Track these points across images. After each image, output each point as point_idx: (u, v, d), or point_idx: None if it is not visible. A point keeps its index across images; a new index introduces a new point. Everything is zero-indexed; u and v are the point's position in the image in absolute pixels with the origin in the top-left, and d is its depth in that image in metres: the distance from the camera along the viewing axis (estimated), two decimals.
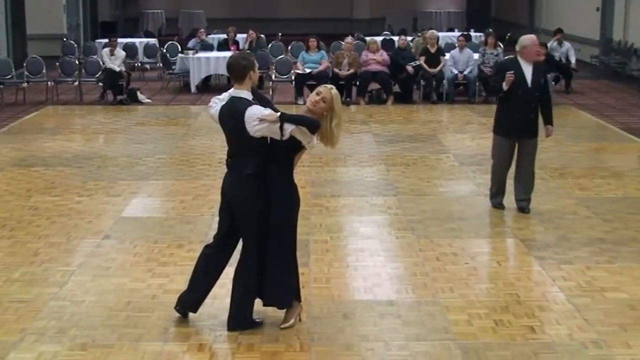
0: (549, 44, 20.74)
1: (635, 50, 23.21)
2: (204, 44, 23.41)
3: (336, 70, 19.44)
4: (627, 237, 9.35)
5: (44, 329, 6.88)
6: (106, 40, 22.02)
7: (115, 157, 13.67)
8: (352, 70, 19.37)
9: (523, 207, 10.30)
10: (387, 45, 23.81)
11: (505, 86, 9.98)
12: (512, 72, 9.92)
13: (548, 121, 10.36)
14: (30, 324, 6.97)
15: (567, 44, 21.32)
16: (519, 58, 10.18)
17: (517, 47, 10.30)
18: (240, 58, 6.74)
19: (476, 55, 20.00)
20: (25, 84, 19.76)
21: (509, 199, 10.46)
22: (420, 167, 12.87)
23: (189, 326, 6.95)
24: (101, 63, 20.25)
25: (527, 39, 10.34)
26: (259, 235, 6.69)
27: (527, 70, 10.06)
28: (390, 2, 38.62)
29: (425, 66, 19.48)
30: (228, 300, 6.90)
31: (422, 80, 19.69)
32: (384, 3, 38.70)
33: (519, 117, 10.06)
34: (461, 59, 19.69)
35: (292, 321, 6.88)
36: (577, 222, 9.96)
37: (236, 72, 6.67)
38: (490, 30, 25.42)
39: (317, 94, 6.70)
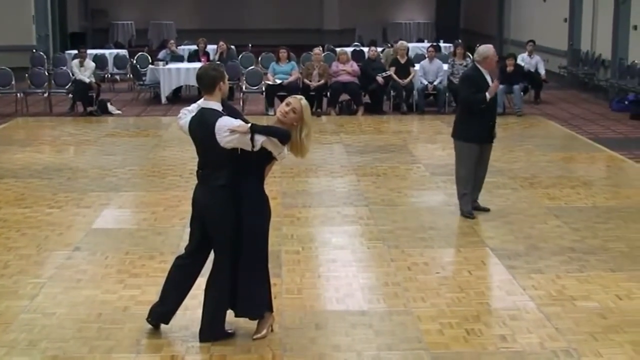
0: (520, 56, 20.94)
1: (603, 61, 23.38)
2: (174, 55, 23.36)
3: (306, 81, 19.45)
4: (596, 246, 9.41)
5: (14, 342, 6.83)
6: (76, 52, 21.90)
7: (86, 168, 13.60)
8: (322, 81, 19.40)
9: (483, 208, 10.81)
10: (357, 56, 23.90)
11: (489, 96, 10.29)
12: (499, 81, 10.60)
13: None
14: (1, 337, 6.92)
15: (536, 57, 21.49)
16: (480, 68, 10.49)
17: (478, 57, 10.58)
18: (210, 69, 6.74)
19: (445, 66, 20.11)
20: None
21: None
22: (391, 178, 12.90)
23: (161, 338, 6.93)
24: (71, 74, 20.17)
25: (489, 49, 10.58)
26: (230, 246, 6.69)
27: (489, 79, 10.51)
28: (360, 13, 38.72)
29: (395, 77, 19.54)
30: (200, 312, 6.88)
31: (392, 91, 19.76)
32: (354, 14, 38.79)
33: (487, 122, 10.53)
34: (431, 69, 19.79)
35: (264, 332, 6.87)
36: (547, 231, 10.02)
37: (206, 83, 6.67)
38: (459, 41, 25.57)
39: (287, 104, 6.72)
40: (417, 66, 20.06)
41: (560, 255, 9.07)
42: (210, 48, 23.81)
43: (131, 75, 23.42)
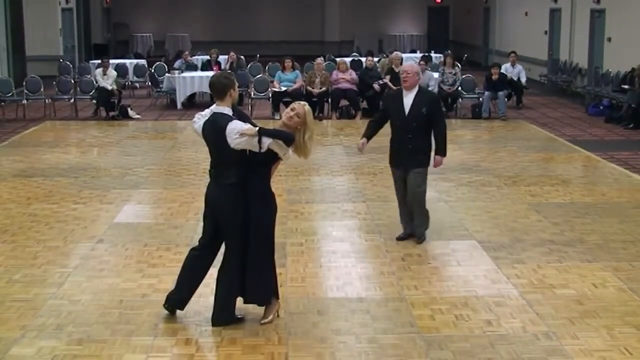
0: (503, 65, 20.96)
1: (580, 70, 23.43)
2: (188, 64, 23.35)
3: (309, 88, 19.43)
4: (574, 239, 9.39)
5: (43, 326, 6.82)
6: (99, 61, 21.95)
7: (108, 167, 13.59)
8: (323, 88, 19.39)
9: (418, 235, 9.27)
10: (355, 65, 23.88)
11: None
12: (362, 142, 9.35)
13: (437, 151, 9.24)
14: (31, 322, 6.92)
15: (519, 66, 21.50)
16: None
17: None
18: (222, 77, 6.73)
19: (436, 75, 20.08)
20: (25, 102, 19.64)
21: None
22: (386, 176, 12.80)
23: (176, 322, 6.91)
24: (95, 82, 20.18)
25: (403, 66, 9.71)
26: (240, 239, 6.67)
27: (408, 100, 9.03)
28: (358, 26, 38.77)
29: (391, 84, 19.46)
30: (212, 299, 6.87)
31: None
32: (353, 27, 38.85)
33: (398, 147, 9.25)
34: (422, 78, 19.71)
35: (270, 317, 6.86)
36: (528, 225, 9.99)
37: (218, 90, 6.65)
38: (449, 51, 25.54)
39: (292, 109, 6.72)
40: None
41: (541, 247, 9.05)
42: (222, 58, 23.83)
43: (149, 83, 23.39)
